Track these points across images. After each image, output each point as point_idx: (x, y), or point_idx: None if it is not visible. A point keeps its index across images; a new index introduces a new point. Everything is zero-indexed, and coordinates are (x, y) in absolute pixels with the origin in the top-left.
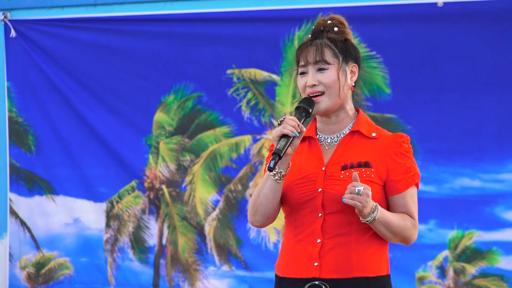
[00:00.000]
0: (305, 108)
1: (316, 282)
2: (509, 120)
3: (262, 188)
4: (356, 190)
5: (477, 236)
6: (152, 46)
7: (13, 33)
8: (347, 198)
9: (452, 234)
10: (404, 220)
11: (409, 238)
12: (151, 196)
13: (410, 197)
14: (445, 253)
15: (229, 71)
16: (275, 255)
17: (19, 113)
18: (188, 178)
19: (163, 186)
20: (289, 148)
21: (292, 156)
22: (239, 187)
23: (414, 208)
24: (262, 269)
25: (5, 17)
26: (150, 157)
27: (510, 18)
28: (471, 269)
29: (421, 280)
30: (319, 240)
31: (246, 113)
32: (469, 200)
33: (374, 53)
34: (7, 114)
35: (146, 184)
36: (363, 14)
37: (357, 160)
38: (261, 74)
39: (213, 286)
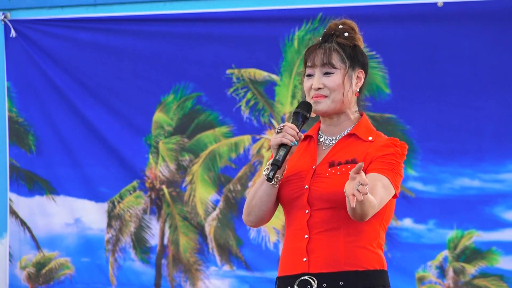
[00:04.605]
0: (303, 114)
1: (306, 277)
2: (509, 120)
3: (258, 191)
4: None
5: (477, 236)
6: (152, 46)
7: (13, 33)
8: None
9: (451, 234)
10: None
11: (366, 216)
12: (153, 196)
13: (379, 180)
14: (445, 253)
15: (228, 71)
16: (276, 255)
17: (19, 113)
18: (188, 178)
19: (163, 186)
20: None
21: None
22: (239, 187)
23: (378, 192)
24: (262, 269)
25: (5, 17)
26: (150, 157)
27: (510, 18)
28: (471, 269)
29: (421, 280)
30: (306, 236)
31: (245, 113)
32: (469, 200)
33: (373, 53)
34: (7, 114)
35: (147, 184)
36: (363, 14)
37: (345, 158)
38: (260, 74)
39: (215, 286)
